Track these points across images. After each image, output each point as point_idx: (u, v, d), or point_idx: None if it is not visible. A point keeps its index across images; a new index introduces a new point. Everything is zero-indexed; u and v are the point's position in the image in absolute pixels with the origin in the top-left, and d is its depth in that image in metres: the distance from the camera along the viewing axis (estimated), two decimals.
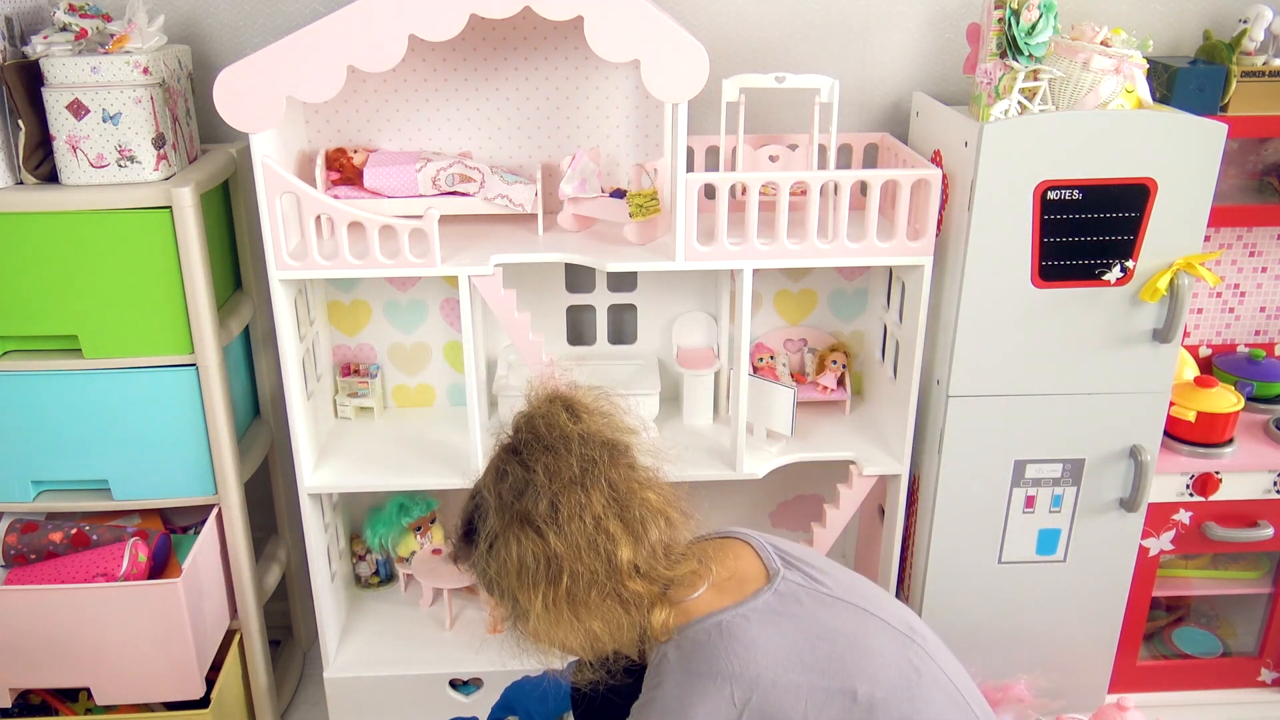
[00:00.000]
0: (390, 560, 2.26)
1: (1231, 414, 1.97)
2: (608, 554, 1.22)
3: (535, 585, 1.23)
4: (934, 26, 2.01)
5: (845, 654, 1.22)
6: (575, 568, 1.22)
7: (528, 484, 1.24)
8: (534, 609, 1.25)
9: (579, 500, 1.22)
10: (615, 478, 1.26)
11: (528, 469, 1.24)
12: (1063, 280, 1.76)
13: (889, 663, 1.23)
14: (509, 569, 1.25)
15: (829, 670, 1.21)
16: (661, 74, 1.60)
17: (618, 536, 1.23)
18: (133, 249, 1.67)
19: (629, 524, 1.24)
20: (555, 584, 1.22)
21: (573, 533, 1.21)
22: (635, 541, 1.24)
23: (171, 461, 1.80)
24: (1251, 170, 2.11)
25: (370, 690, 2.01)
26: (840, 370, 2.12)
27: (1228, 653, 2.20)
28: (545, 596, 1.23)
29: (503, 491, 1.26)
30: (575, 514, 1.22)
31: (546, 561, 1.22)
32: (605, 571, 1.23)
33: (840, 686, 1.20)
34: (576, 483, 1.23)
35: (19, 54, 1.68)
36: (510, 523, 1.25)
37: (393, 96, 1.94)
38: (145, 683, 1.76)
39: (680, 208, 1.71)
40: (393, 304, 2.11)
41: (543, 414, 1.29)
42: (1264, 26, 1.89)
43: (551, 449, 1.25)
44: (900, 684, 1.22)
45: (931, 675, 1.25)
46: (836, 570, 1.34)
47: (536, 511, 1.22)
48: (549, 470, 1.23)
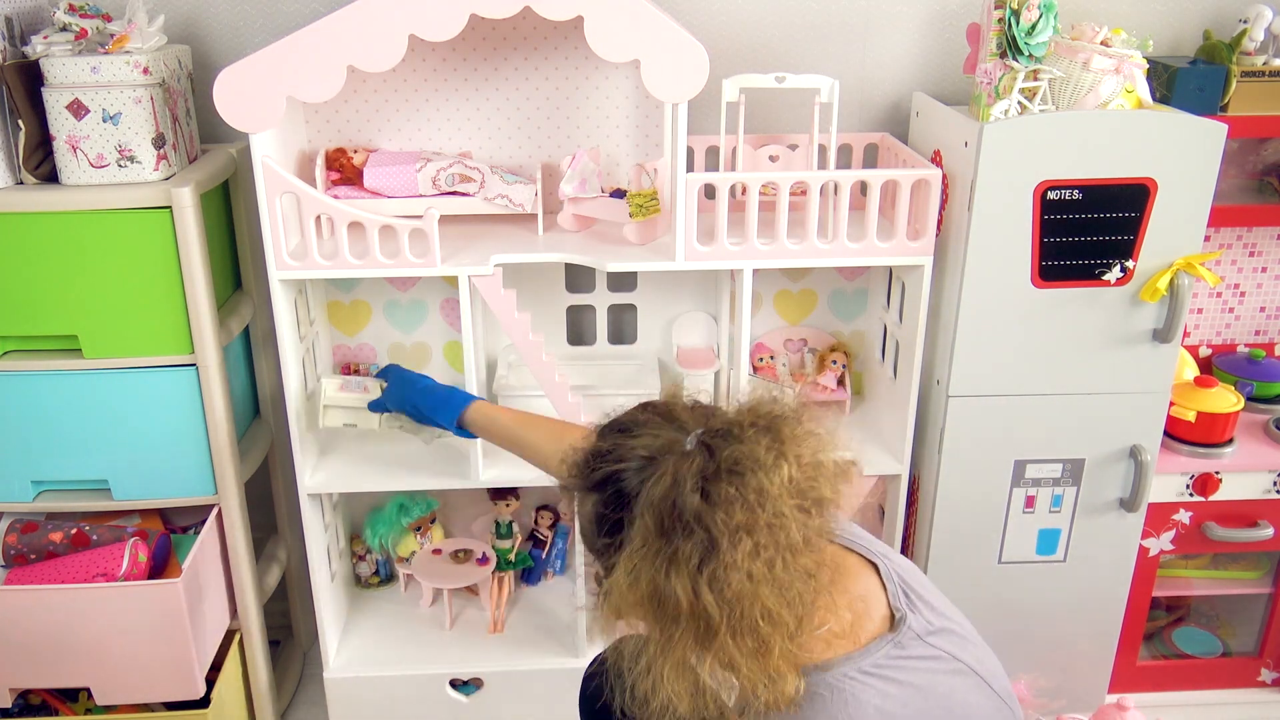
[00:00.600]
0: (390, 560, 2.26)
1: (1231, 414, 1.97)
2: (764, 639, 1.04)
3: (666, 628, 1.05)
4: (934, 26, 2.01)
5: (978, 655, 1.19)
6: (723, 641, 1.04)
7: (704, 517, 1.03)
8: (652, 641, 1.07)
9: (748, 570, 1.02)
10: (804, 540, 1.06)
11: (711, 508, 1.02)
12: (1063, 280, 1.76)
13: (987, 653, 1.21)
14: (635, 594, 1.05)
15: (989, 674, 1.18)
16: (661, 74, 1.60)
17: (780, 621, 1.04)
18: (133, 249, 1.67)
19: (790, 602, 1.05)
20: (691, 638, 1.05)
21: (732, 614, 1.03)
22: (799, 626, 1.07)
23: (171, 461, 1.80)
24: (1251, 170, 2.11)
25: (370, 690, 2.01)
26: (840, 370, 2.12)
27: (1228, 653, 2.20)
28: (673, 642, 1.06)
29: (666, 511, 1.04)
30: (741, 597, 1.02)
31: (692, 612, 1.03)
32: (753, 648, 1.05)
33: (1003, 686, 1.18)
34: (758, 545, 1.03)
35: (19, 54, 1.68)
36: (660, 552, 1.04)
37: (393, 96, 1.94)
38: (145, 683, 1.76)
39: (680, 208, 1.71)
40: (393, 304, 2.11)
41: (748, 442, 1.06)
42: (1264, 26, 1.88)
43: (745, 503, 1.03)
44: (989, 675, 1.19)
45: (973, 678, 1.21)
46: (953, 612, 1.24)
47: (700, 565, 1.02)
48: (732, 529, 1.02)
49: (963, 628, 1.24)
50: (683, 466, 1.05)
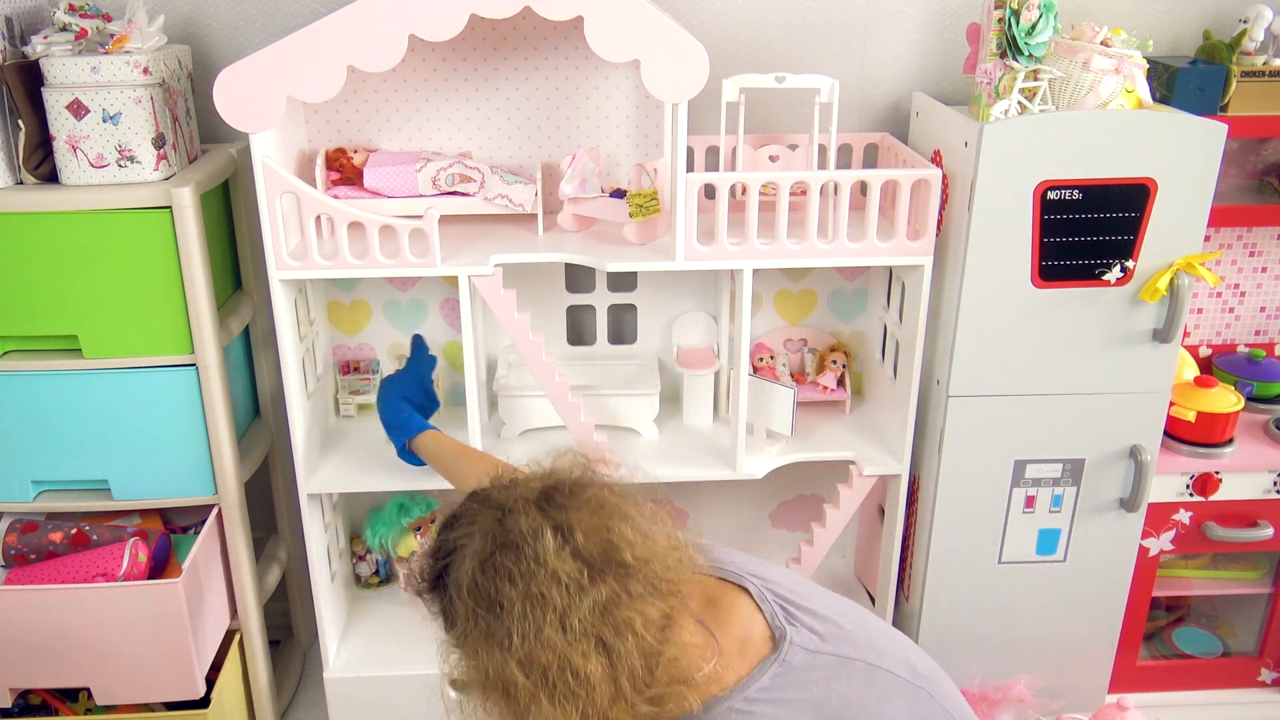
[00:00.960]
0: (390, 560, 2.26)
1: (1231, 414, 1.97)
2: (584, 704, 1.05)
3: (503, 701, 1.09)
4: (934, 26, 2.01)
5: None
6: (542, 709, 1.05)
7: (501, 602, 1.06)
8: None
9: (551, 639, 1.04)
10: (604, 597, 1.06)
11: (510, 581, 1.06)
12: (1063, 280, 1.76)
13: None
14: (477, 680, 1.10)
15: None
16: (661, 74, 1.60)
17: (595, 682, 1.04)
18: (133, 249, 1.67)
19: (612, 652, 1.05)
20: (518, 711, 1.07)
21: (546, 677, 1.04)
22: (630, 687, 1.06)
23: (171, 461, 1.80)
24: (1251, 170, 2.11)
25: (370, 690, 2.01)
26: (840, 370, 2.12)
27: (1228, 653, 2.20)
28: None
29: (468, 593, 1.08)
30: (547, 665, 1.04)
31: (509, 688, 1.07)
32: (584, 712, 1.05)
33: None
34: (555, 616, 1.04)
35: (19, 54, 1.68)
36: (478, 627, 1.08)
37: (393, 96, 1.94)
38: (145, 683, 1.76)
39: (680, 208, 1.71)
40: (393, 304, 2.11)
41: (529, 527, 1.08)
42: (1264, 26, 1.89)
43: (528, 575, 1.05)
44: None
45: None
46: (838, 610, 1.24)
47: (510, 643, 1.05)
48: (529, 598, 1.04)
49: (850, 619, 1.22)
50: (469, 548, 1.10)
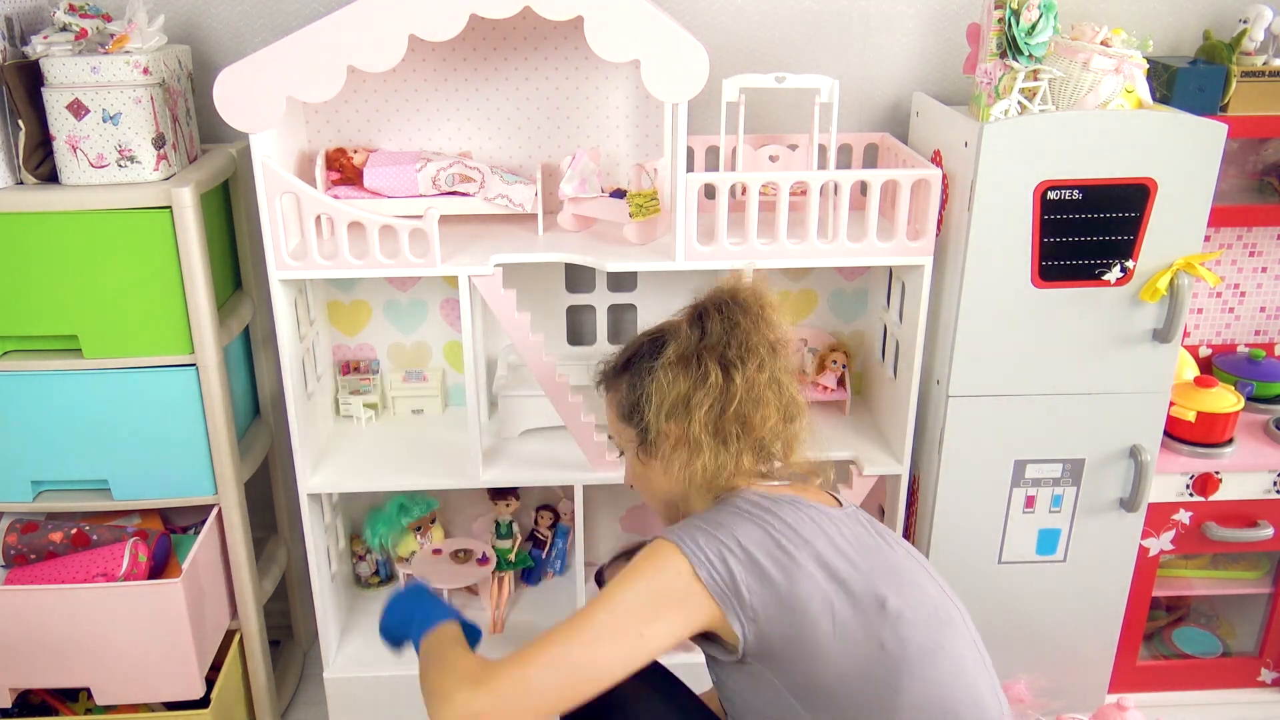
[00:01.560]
0: (390, 560, 2.26)
1: (1231, 414, 1.97)
2: (761, 415, 1.35)
3: (691, 413, 1.34)
4: (934, 26, 2.01)
5: (889, 572, 1.28)
6: (740, 410, 1.33)
7: (730, 331, 1.36)
8: (672, 436, 1.36)
9: (765, 363, 1.36)
10: (788, 367, 1.40)
11: (734, 321, 1.37)
12: (1063, 280, 1.76)
13: (927, 599, 1.28)
14: (675, 392, 1.35)
15: (867, 573, 1.26)
16: (661, 74, 1.60)
17: (772, 407, 1.36)
18: (133, 249, 1.67)
19: (784, 406, 1.38)
20: (714, 416, 1.34)
21: (750, 383, 1.34)
22: (781, 420, 1.37)
23: (171, 461, 1.80)
24: (1251, 170, 2.11)
25: (370, 690, 2.01)
26: (840, 370, 2.12)
27: (1228, 653, 2.20)
28: (697, 425, 1.33)
29: (698, 330, 1.38)
30: (758, 371, 1.35)
31: (718, 395, 1.33)
32: (752, 425, 1.35)
33: (873, 590, 1.24)
34: (767, 350, 1.37)
35: (19, 54, 1.68)
36: (701, 353, 1.35)
37: (393, 96, 1.94)
38: (145, 683, 1.76)
39: (680, 208, 1.71)
40: (393, 304, 2.11)
41: (753, 292, 1.42)
42: (1264, 26, 1.89)
43: (754, 318, 1.38)
44: (931, 620, 1.26)
45: (964, 634, 1.30)
46: (904, 541, 1.41)
47: (730, 352, 1.35)
48: (750, 329, 1.37)
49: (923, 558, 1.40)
50: (697, 305, 1.42)
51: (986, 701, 1.27)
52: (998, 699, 1.30)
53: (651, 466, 1.41)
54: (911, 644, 1.23)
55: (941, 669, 1.24)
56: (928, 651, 1.24)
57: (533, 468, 1.93)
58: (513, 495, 2.19)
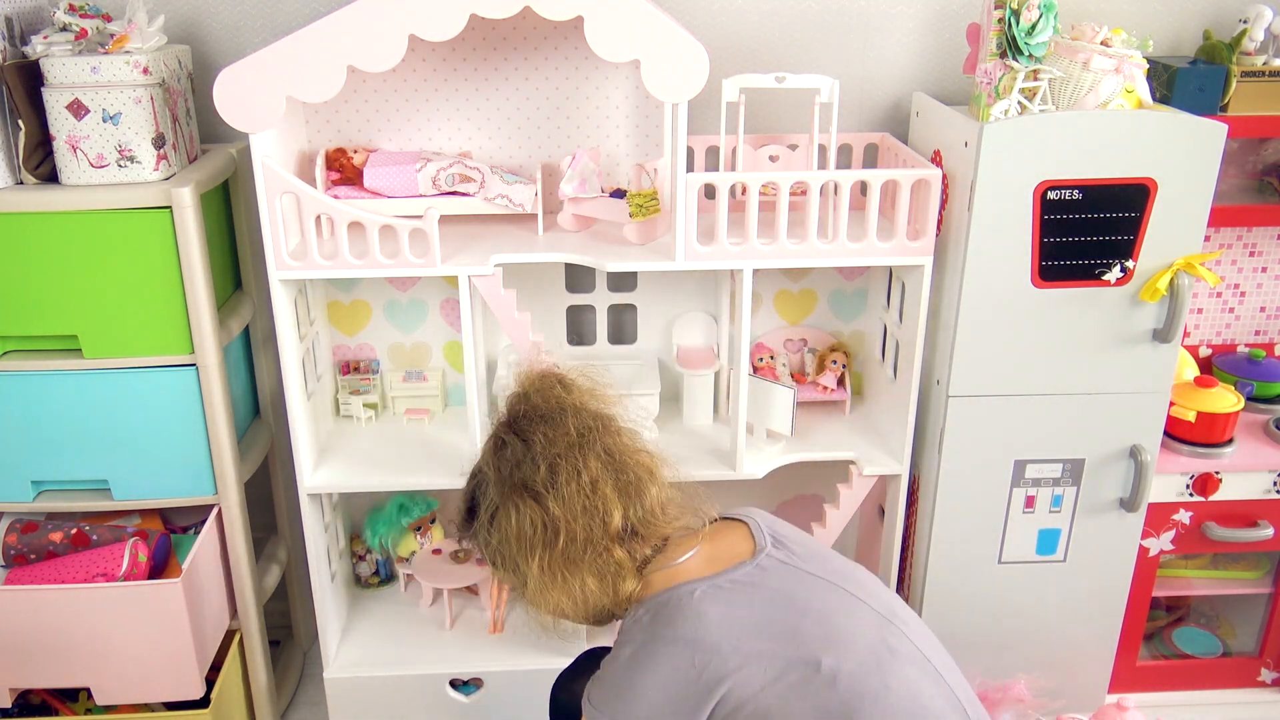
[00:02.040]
0: (390, 560, 2.26)
1: (1231, 414, 1.97)
2: (603, 517, 1.29)
3: (533, 550, 1.30)
4: (934, 26, 2.01)
5: (813, 627, 1.24)
6: (572, 529, 1.29)
7: (526, 453, 1.31)
8: (531, 573, 1.32)
9: (576, 465, 1.30)
10: (610, 444, 1.33)
11: (526, 439, 1.32)
12: (1063, 280, 1.76)
13: (860, 639, 1.24)
14: (509, 536, 1.32)
15: (794, 640, 1.23)
16: (661, 74, 1.60)
17: (611, 500, 1.30)
18: (133, 249, 1.67)
19: (623, 487, 1.31)
20: (551, 547, 1.29)
21: (569, 496, 1.29)
22: (628, 503, 1.31)
23: (171, 461, 1.80)
24: (1251, 170, 2.11)
25: (370, 690, 2.01)
26: (840, 370, 2.12)
27: (1228, 653, 2.20)
28: (542, 560, 1.30)
29: (501, 463, 1.34)
30: (572, 478, 1.29)
31: (544, 526, 1.29)
32: (600, 533, 1.29)
33: (803, 657, 1.21)
34: (574, 447, 1.31)
35: (19, 54, 1.68)
36: (510, 492, 1.32)
37: (393, 96, 1.94)
38: (145, 683, 1.76)
39: (680, 208, 1.71)
40: (393, 304, 2.11)
41: (536, 389, 1.37)
42: (1264, 26, 1.89)
43: (548, 419, 1.33)
44: (870, 660, 1.23)
45: (908, 655, 1.26)
46: (828, 555, 1.37)
47: (535, 478, 1.30)
48: (547, 438, 1.31)
49: (841, 564, 1.36)
50: (496, 430, 1.39)
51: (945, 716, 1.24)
52: (956, 703, 1.27)
53: (541, 601, 1.37)
54: (853, 697, 1.20)
55: (892, 705, 1.21)
56: (873, 697, 1.20)
57: None
58: None
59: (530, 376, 1.41)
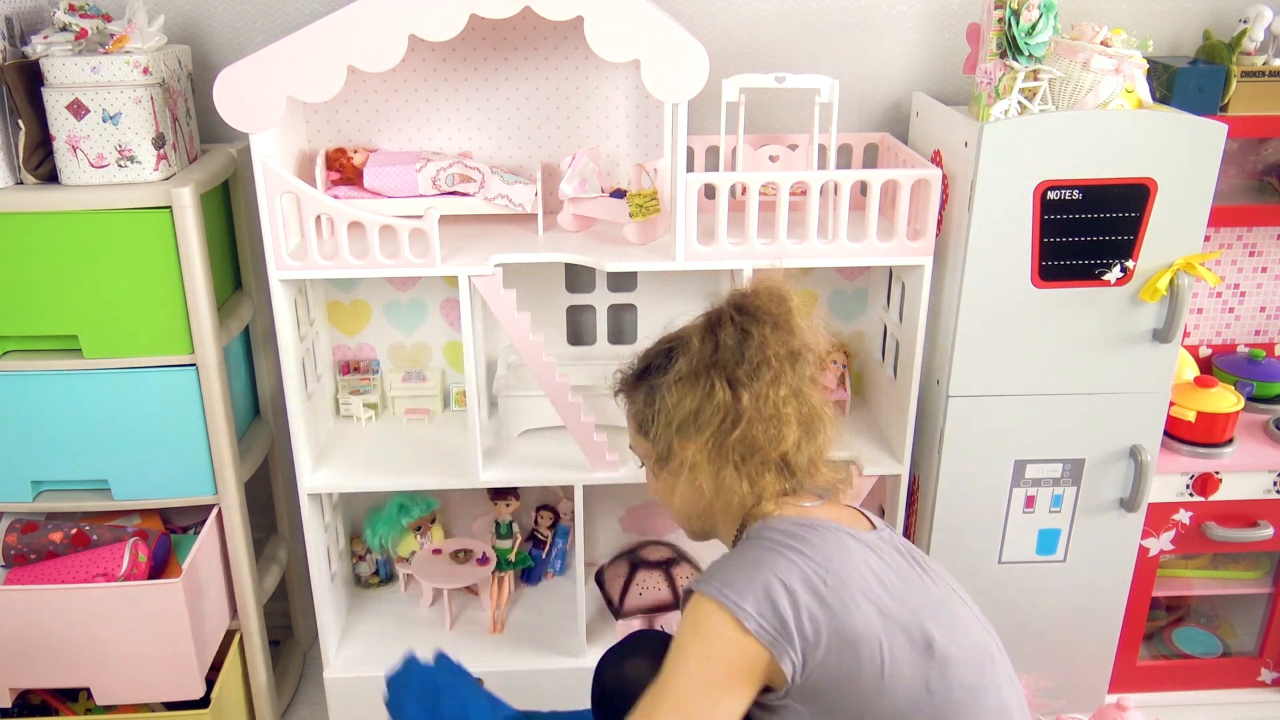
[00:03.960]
0: (390, 560, 2.26)
1: (1231, 414, 1.97)
2: (777, 434, 1.28)
3: (702, 430, 1.29)
4: (934, 26, 2.01)
5: (932, 607, 1.21)
6: (750, 429, 1.27)
7: (742, 342, 1.30)
8: (685, 451, 1.31)
9: (779, 376, 1.29)
10: (812, 375, 1.34)
11: (745, 330, 1.31)
12: (1063, 280, 1.76)
13: (971, 636, 1.23)
14: (683, 408, 1.30)
15: (914, 610, 1.19)
16: (661, 74, 1.60)
17: (791, 423, 1.29)
18: (133, 249, 1.67)
19: (804, 420, 1.31)
20: (723, 435, 1.28)
21: (761, 398, 1.28)
22: (803, 435, 1.31)
23: (171, 461, 1.80)
24: (1251, 170, 2.11)
25: (370, 690, 2.00)
26: (840, 370, 2.12)
27: (1228, 653, 2.20)
28: (708, 443, 1.29)
29: (709, 340, 1.32)
30: (771, 386, 1.28)
31: (726, 413, 1.28)
32: (770, 445, 1.28)
33: (920, 627, 1.18)
34: (785, 360, 1.30)
35: (19, 54, 1.68)
36: (708, 369, 1.30)
37: (393, 96, 1.94)
38: (145, 683, 1.76)
39: (680, 208, 1.71)
40: (393, 304, 2.11)
41: (769, 294, 1.35)
42: (1264, 26, 1.89)
43: (774, 323, 1.32)
44: (976, 657, 1.21)
45: (1003, 669, 1.26)
46: (940, 567, 1.35)
47: (740, 369, 1.28)
48: (764, 339, 1.30)
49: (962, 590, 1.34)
50: (717, 311, 1.36)
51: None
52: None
53: (669, 482, 1.35)
54: (957, 686, 1.17)
55: (984, 710, 1.19)
56: (971, 693, 1.18)
57: (533, 468, 1.93)
58: (513, 495, 2.19)
59: (767, 279, 1.38)
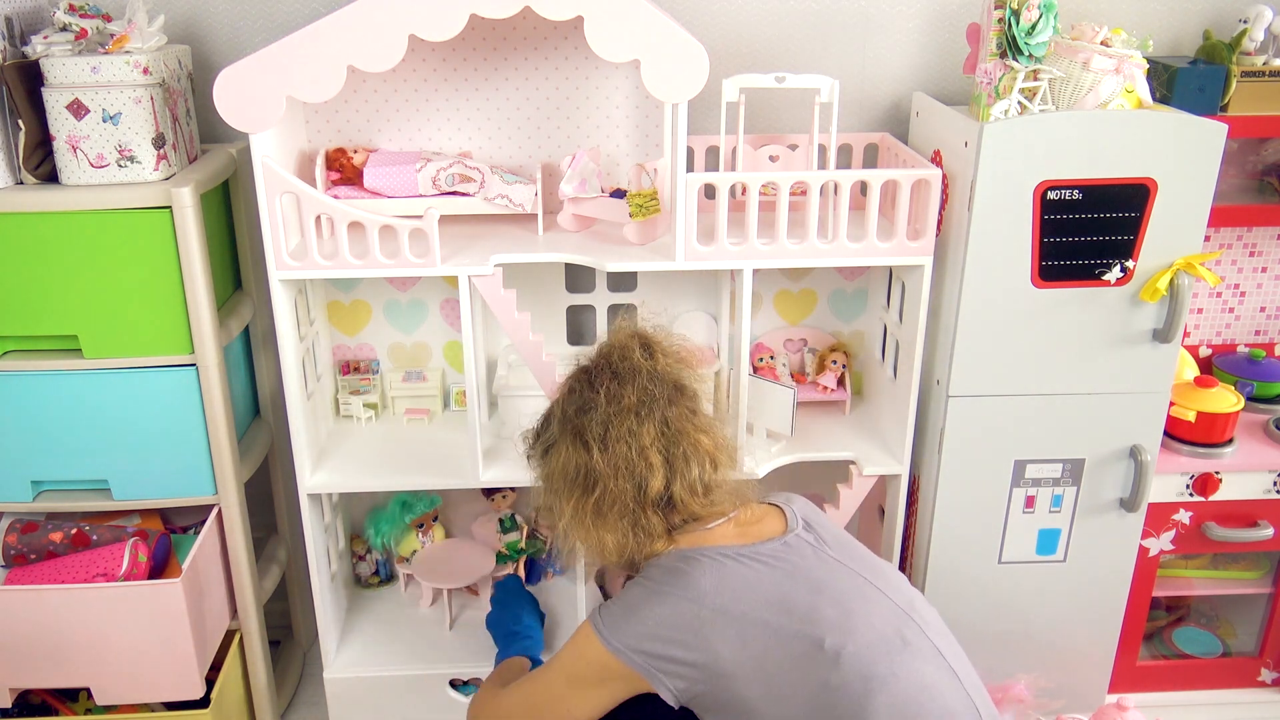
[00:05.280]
0: (390, 560, 2.26)
1: (1231, 414, 1.97)
2: (641, 481, 1.35)
3: (570, 492, 1.39)
4: (934, 26, 2.01)
5: (826, 607, 1.28)
6: (608, 485, 1.35)
7: (590, 401, 1.38)
8: (564, 512, 1.40)
9: (630, 427, 1.36)
10: (671, 415, 1.38)
11: (593, 389, 1.39)
12: (1063, 280, 1.76)
13: (873, 625, 1.28)
14: (555, 471, 1.42)
15: (805, 618, 1.27)
16: (661, 74, 1.60)
17: (655, 468, 1.35)
18: (133, 249, 1.67)
19: (671, 459, 1.37)
20: (586, 495, 1.37)
21: (615, 455, 1.35)
22: (672, 475, 1.36)
23: (171, 461, 1.80)
24: (1251, 170, 2.11)
25: (370, 690, 2.01)
26: (840, 370, 2.12)
27: (1228, 653, 2.20)
28: (577, 504, 1.38)
29: (567, 406, 1.42)
30: (623, 438, 1.35)
31: (585, 474, 1.37)
32: (633, 496, 1.36)
33: (810, 634, 1.25)
34: (633, 411, 1.36)
35: (19, 54, 1.68)
36: (565, 433, 1.40)
37: (393, 96, 1.94)
38: (145, 683, 1.76)
39: (680, 208, 1.71)
40: (393, 304, 2.11)
41: (619, 345, 1.43)
42: (1264, 26, 1.89)
43: (618, 377, 1.39)
44: (880, 646, 1.26)
45: (921, 649, 1.28)
46: (857, 546, 1.42)
47: (590, 429, 1.37)
48: (610, 395, 1.37)
49: (867, 556, 1.41)
50: (574, 373, 1.46)
51: (957, 713, 1.26)
52: (971, 707, 1.28)
53: (577, 536, 1.43)
54: (858, 678, 1.23)
55: (900, 693, 1.23)
56: (880, 681, 1.23)
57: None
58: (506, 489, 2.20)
59: (618, 330, 1.47)
